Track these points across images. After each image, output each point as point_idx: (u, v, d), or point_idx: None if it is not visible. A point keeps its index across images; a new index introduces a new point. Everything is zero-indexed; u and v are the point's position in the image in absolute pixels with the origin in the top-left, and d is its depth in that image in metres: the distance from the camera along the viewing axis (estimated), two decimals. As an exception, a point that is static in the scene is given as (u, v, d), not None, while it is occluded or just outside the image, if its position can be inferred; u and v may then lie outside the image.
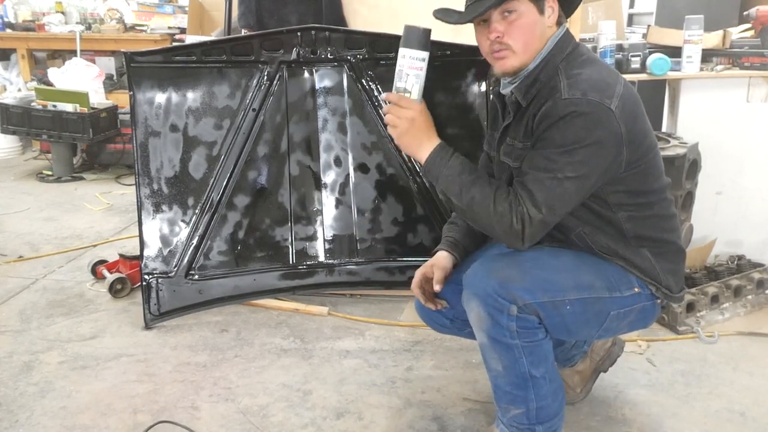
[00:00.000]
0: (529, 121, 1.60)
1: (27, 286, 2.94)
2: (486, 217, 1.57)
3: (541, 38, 1.60)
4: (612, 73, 1.62)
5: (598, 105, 1.50)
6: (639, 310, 1.69)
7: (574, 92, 1.52)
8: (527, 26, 1.58)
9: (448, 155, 1.63)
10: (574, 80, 1.54)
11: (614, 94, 1.53)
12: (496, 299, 1.55)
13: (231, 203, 2.60)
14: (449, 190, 1.61)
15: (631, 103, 1.57)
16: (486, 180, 1.60)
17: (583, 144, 1.50)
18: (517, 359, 1.60)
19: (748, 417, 2.00)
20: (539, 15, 1.59)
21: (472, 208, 1.59)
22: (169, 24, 5.60)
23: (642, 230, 1.65)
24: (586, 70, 1.57)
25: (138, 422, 1.98)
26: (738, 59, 2.76)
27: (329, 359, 2.33)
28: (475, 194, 1.58)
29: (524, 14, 1.57)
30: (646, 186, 1.64)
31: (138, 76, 2.44)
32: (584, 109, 1.50)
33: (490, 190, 1.57)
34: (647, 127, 1.63)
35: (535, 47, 1.60)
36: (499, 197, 1.56)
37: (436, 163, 1.63)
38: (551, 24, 1.61)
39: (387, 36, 2.59)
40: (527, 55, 1.60)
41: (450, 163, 1.62)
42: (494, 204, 1.55)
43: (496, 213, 1.54)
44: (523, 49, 1.59)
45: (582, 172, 1.51)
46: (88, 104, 4.50)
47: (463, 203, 1.59)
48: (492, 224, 1.57)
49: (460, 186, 1.59)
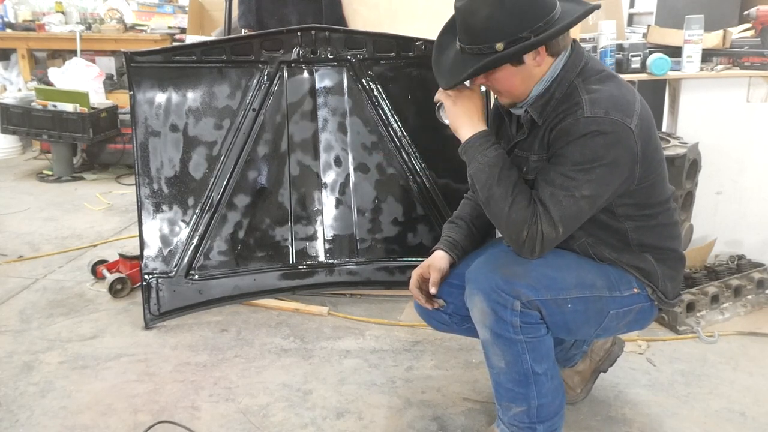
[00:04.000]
0: (545, 135, 1.60)
1: (27, 286, 2.94)
2: (499, 218, 1.59)
3: (526, 81, 1.61)
4: (630, 89, 1.61)
5: (620, 125, 1.50)
6: (637, 311, 1.69)
7: (597, 110, 1.51)
8: (504, 79, 1.61)
9: (489, 143, 1.64)
10: (596, 97, 1.54)
11: (634, 113, 1.53)
12: (500, 294, 1.55)
13: (231, 203, 2.60)
14: (477, 178, 1.62)
15: (647, 120, 1.57)
16: (513, 181, 1.59)
17: (601, 163, 1.51)
18: (520, 355, 1.60)
19: (748, 417, 2.00)
20: (516, 67, 1.58)
21: (489, 203, 1.60)
22: (169, 24, 5.59)
23: (646, 239, 1.67)
24: (606, 87, 1.57)
25: (138, 422, 1.98)
26: (738, 59, 2.76)
27: (329, 359, 2.33)
28: (496, 192, 1.58)
29: (498, 71, 1.59)
30: (654, 198, 1.65)
31: (138, 76, 2.44)
32: (606, 128, 1.50)
33: (510, 193, 1.57)
34: (658, 143, 1.65)
35: (521, 90, 1.62)
36: (517, 204, 1.56)
37: (475, 146, 1.64)
38: (539, 64, 1.59)
39: (387, 36, 2.59)
40: (517, 95, 1.64)
41: (487, 152, 1.62)
42: (510, 208, 1.56)
43: (510, 219, 1.56)
44: (508, 94, 1.65)
45: (598, 191, 1.53)
46: (88, 104, 4.50)
47: (484, 195, 1.61)
48: (502, 227, 1.59)
49: (487, 177, 1.59)
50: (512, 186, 1.58)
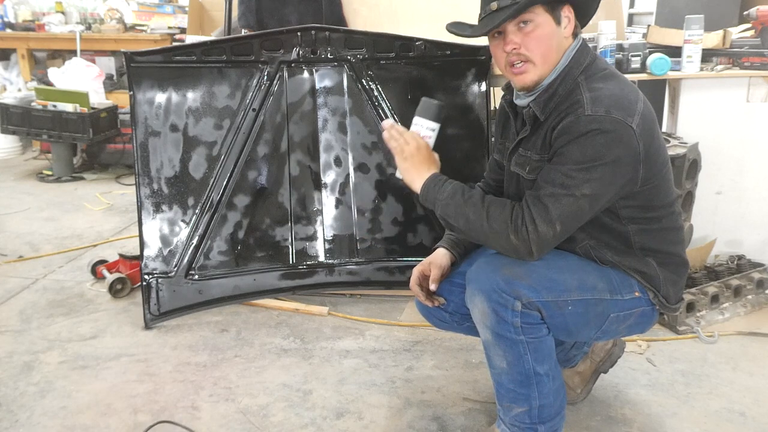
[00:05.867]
0: (548, 134, 1.59)
1: (27, 286, 2.94)
2: (483, 234, 1.59)
3: (558, 50, 1.60)
4: (632, 89, 1.60)
5: (621, 123, 1.49)
6: (638, 315, 1.69)
7: (598, 109, 1.51)
8: (544, 37, 1.57)
9: (441, 181, 1.65)
10: (597, 95, 1.53)
11: (635, 112, 1.52)
12: (501, 295, 1.55)
13: (231, 203, 2.60)
14: (446, 213, 1.63)
15: (649, 120, 1.56)
16: (479, 197, 1.61)
17: (603, 162, 1.50)
18: (521, 355, 1.60)
19: (748, 417, 2.00)
20: (556, 26, 1.58)
21: (468, 228, 1.61)
22: (169, 24, 5.60)
23: (649, 242, 1.66)
24: (608, 85, 1.56)
25: (138, 422, 1.98)
26: (738, 59, 2.76)
27: (329, 359, 2.33)
28: (469, 213, 1.59)
29: (541, 25, 1.56)
30: (658, 201, 1.64)
31: (138, 76, 2.44)
32: (607, 126, 1.49)
33: (482, 207, 1.58)
34: (662, 144, 1.64)
35: (553, 59, 1.59)
36: (492, 214, 1.56)
37: (431, 189, 1.65)
38: (567, 35, 1.61)
39: (387, 36, 2.59)
40: (546, 67, 1.60)
41: (443, 189, 1.63)
42: (487, 222, 1.56)
43: (492, 230, 1.56)
44: (542, 60, 1.58)
45: (598, 190, 1.52)
46: (88, 104, 4.50)
47: (461, 224, 1.61)
48: (490, 242, 1.59)
49: (455, 207, 1.61)
50: (480, 201, 1.59)
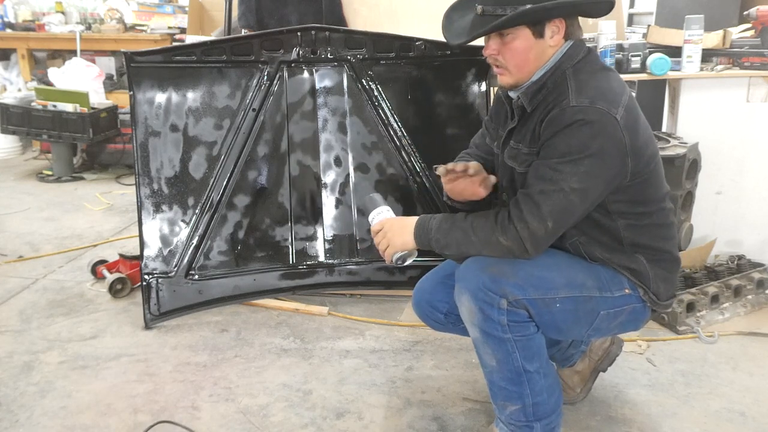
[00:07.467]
0: (537, 127, 1.60)
1: (27, 286, 2.94)
2: (474, 249, 1.62)
3: (538, 59, 1.61)
4: (620, 83, 1.62)
5: (605, 113, 1.50)
6: (629, 312, 1.69)
7: (582, 100, 1.52)
8: (521, 50, 1.59)
9: (426, 221, 1.69)
10: (583, 86, 1.55)
11: (620, 104, 1.53)
12: (487, 293, 1.56)
13: (231, 203, 2.60)
14: (440, 246, 1.66)
15: (634, 114, 1.57)
16: (461, 217, 1.64)
17: (588, 153, 1.50)
18: (510, 353, 1.61)
19: (748, 417, 2.00)
20: (536, 39, 1.59)
21: (459, 249, 1.64)
22: (169, 24, 5.59)
23: (639, 238, 1.66)
24: (594, 78, 1.57)
25: (138, 422, 1.98)
26: (738, 59, 2.76)
27: (329, 359, 2.33)
28: (457, 235, 1.63)
29: (519, 38, 1.58)
30: (648, 195, 1.64)
31: (138, 76, 2.44)
32: (591, 117, 1.50)
33: (466, 224, 1.61)
34: (649, 137, 1.64)
35: (530, 68, 1.62)
36: (477, 225, 1.60)
37: (422, 233, 1.68)
38: (554, 44, 1.61)
39: (387, 36, 2.59)
40: (521, 75, 1.63)
41: (429, 225, 1.67)
42: (474, 235, 1.60)
43: (481, 240, 1.59)
44: (516, 70, 1.62)
45: (587, 183, 1.52)
46: (88, 104, 4.50)
47: (453, 250, 1.65)
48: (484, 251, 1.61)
49: (444, 236, 1.64)
50: (463, 220, 1.63)
